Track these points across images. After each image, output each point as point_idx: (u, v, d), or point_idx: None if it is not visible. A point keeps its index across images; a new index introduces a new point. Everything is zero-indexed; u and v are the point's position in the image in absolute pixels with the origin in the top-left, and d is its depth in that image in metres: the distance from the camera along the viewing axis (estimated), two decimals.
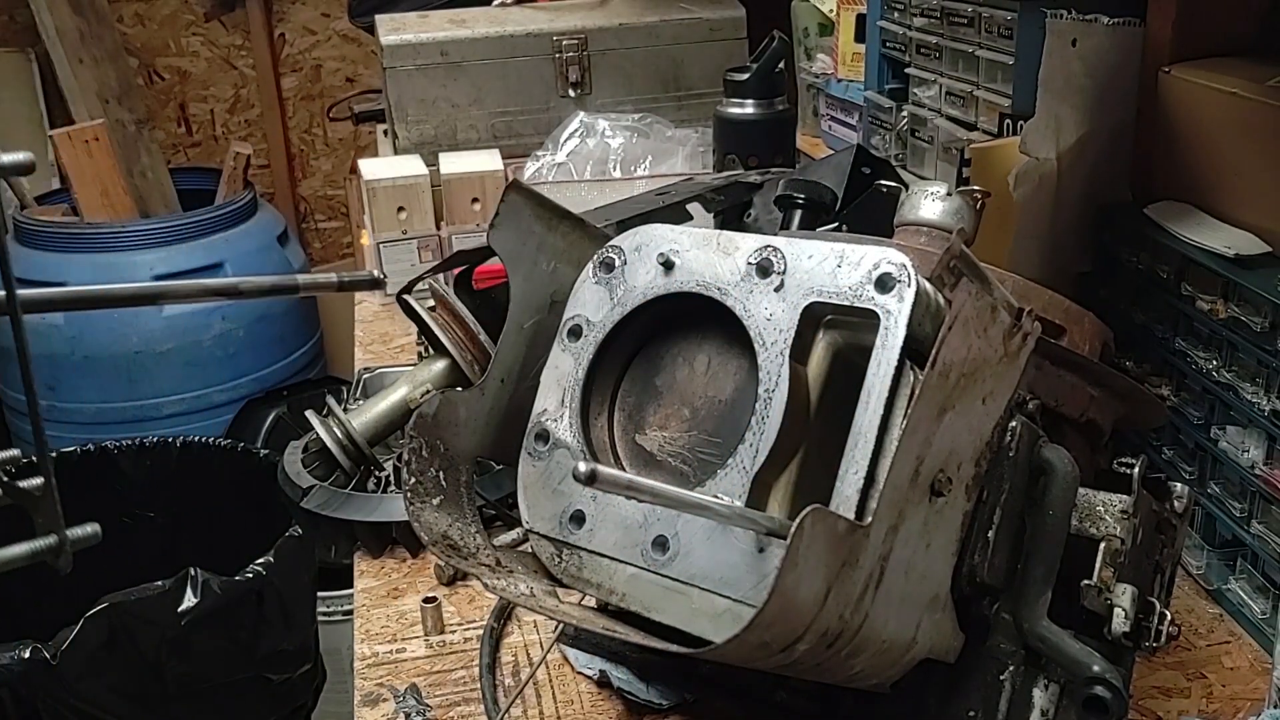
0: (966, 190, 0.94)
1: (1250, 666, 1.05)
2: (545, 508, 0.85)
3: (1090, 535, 0.83)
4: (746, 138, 1.75)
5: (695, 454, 0.82)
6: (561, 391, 0.86)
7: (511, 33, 2.05)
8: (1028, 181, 1.24)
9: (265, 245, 2.85)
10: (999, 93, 1.46)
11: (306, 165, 3.75)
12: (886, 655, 0.76)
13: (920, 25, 1.63)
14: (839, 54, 2.03)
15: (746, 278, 0.79)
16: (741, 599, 0.74)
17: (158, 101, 3.57)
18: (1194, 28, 1.23)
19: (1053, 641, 0.80)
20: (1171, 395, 1.18)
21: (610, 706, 1.01)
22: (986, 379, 0.76)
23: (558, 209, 0.94)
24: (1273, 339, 1.03)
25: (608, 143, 1.90)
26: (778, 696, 0.92)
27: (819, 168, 1.51)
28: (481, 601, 1.15)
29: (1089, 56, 1.25)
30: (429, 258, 1.83)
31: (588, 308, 0.87)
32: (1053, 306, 0.93)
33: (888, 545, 0.71)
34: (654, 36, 2.10)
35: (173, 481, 2.18)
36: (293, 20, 3.60)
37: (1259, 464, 1.07)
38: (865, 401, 0.72)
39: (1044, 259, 1.28)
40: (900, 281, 0.73)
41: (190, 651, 1.65)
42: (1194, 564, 1.15)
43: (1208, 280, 1.11)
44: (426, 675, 1.06)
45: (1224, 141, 1.18)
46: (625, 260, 0.86)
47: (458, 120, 2.04)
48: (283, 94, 3.65)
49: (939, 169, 1.60)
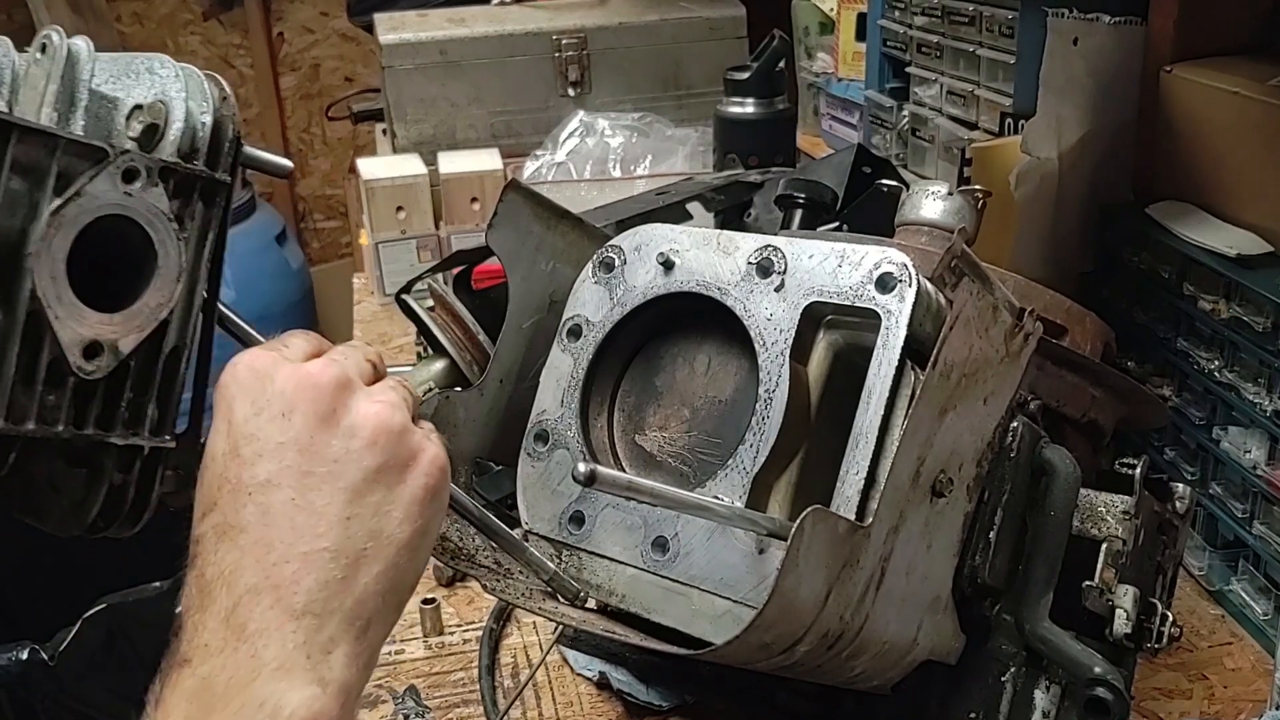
0: (968, 190, 0.93)
1: (1252, 668, 1.04)
2: (545, 508, 0.85)
3: (1092, 536, 0.83)
4: (747, 137, 1.74)
5: (695, 454, 0.81)
6: (561, 392, 0.86)
7: (511, 31, 2.05)
8: (1029, 181, 1.24)
9: (264, 245, 2.85)
10: (1000, 92, 1.45)
11: (305, 165, 3.75)
12: (887, 656, 0.76)
13: (921, 24, 1.63)
14: (839, 53, 2.02)
15: (747, 277, 0.79)
16: (742, 600, 0.74)
17: None
18: (1196, 27, 1.23)
19: (1054, 643, 0.80)
20: (1173, 396, 1.17)
21: (610, 708, 1.01)
22: (988, 379, 0.76)
23: (557, 208, 0.93)
24: (1274, 339, 1.03)
25: (607, 142, 1.90)
26: (778, 698, 0.92)
27: (819, 167, 1.50)
28: (480, 603, 1.14)
29: (1090, 56, 1.24)
30: (428, 257, 1.82)
31: (587, 308, 0.87)
32: (1054, 306, 0.92)
33: (889, 546, 0.71)
34: (654, 35, 2.09)
35: None
36: (291, 19, 3.59)
37: (1261, 465, 1.06)
38: (866, 402, 0.72)
39: (1045, 259, 1.28)
40: (901, 281, 0.73)
41: None
42: (1196, 565, 1.15)
43: (1209, 280, 1.11)
44: (426, 677, 1.06)
45: (1226, 141, 1.17)
46: (625, 260, 0.86)
47: (457, 119, 2.04)
48: (281, 93, 3.64)
49: (940, 168, 1.59)
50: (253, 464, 0.59)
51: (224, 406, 0.61)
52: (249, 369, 0.62)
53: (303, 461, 0.60)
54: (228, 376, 0.62)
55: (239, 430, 0.60)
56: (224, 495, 0.59)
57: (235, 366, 0.63)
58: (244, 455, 0.60)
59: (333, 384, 0.62)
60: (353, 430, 0.61)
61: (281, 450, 0.60)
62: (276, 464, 0.59)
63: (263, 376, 0.61)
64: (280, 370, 0.62)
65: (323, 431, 0.61)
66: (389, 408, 0.63)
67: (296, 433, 0.60)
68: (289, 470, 0.59)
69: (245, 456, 0.60)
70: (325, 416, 0.61)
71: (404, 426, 0.63)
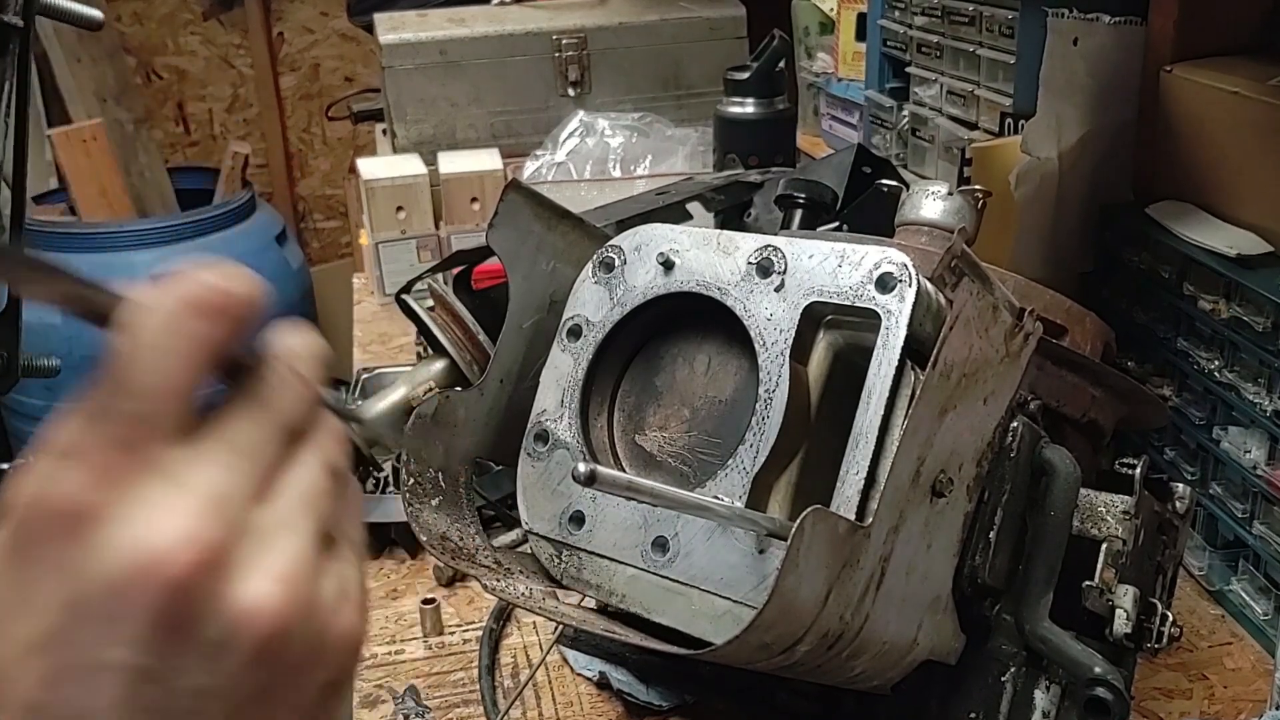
0: (968, 190, 0.93)
1: (1252, 668, 1.04)
2: (545, 508, 0.85)
3: (1092, 536, 0.83)
4: (747, 137, 1.74)
5: (695, 454, 0.81)
6: (561, 392, 0.86)
7: (511, 31, 2.05)
8: (1029, 181, 1.24)
9: (263, 245, 2.84)
10: (1000, 92, 1.45)
11: (305, 165, 3.75)
12: (887, 656, 0.76)
13: (921, 24, 1.63)
14: (840, 53, 2.02)
15: (747, 277, 0.79)
16: (742, 600, 0.74)
17: (155, 101, 3.57)
18: (1196, 27, 1.23)
19: (1054, 643, 0.80)
20: (1173, 396, 1.17)
21: (610, 708, 1.01)
22: (988, 379, 0.76)
23: (557, 208, 0.93)
24: (1275, 339, 1.03)
25: (607, 142, 1.90)
26: (778, 698, 0.92)
27: (819, 167, 1.50)
28: (480, 603, 1.14)
29: (1090, 55, 1.24)
30: (428, 257, 1.82)
31: (587, 308, 0.87)
32: (1054, 306, 0.92)
33: (889, 546, 0.71)
34: (654, 35, 2.09)
35: None
36: (291, 19, 3.59)
37: (1261, 465, 1.06)
38: (866, 402, 0.72)
39: (1045, 259, 1.28)
40: (901, 281, 0.73)
41: None
42: (1196, 565, 1.15)
43: (1210, 280, 1.11)
44: (425, 677, 1.06)
45: (1226, 141, 1.17)
46: (625, 260, 0.86)
47: (457, 119, 2.04)
48: (281, 93, 3.64)
49: (940, 168, 1.59)
50: (62, 685, 0.35)
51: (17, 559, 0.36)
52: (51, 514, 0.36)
53: (144, 695, 0.36)
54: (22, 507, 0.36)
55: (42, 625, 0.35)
56: (12, 710, 0.35)
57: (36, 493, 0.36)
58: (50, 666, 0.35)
59: (187, 570, 0.35)
60: (219, 647, 0.36)
61: (109, 676, 0.35)
62: (103, 696, 0.35)
63: (81, 536, 0.35)
64: (114, 525, 0.35)
65: (172, 651, 0.36)
66: (276, 585, 0.37)
67: (131, 653, 0.35)
68: (123, 707, 0.35)
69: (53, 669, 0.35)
70: (173, 628, 0.36)
71: (311, 600, 0.39)
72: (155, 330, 0.37)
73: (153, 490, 0.36)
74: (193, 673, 0.36)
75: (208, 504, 0.37)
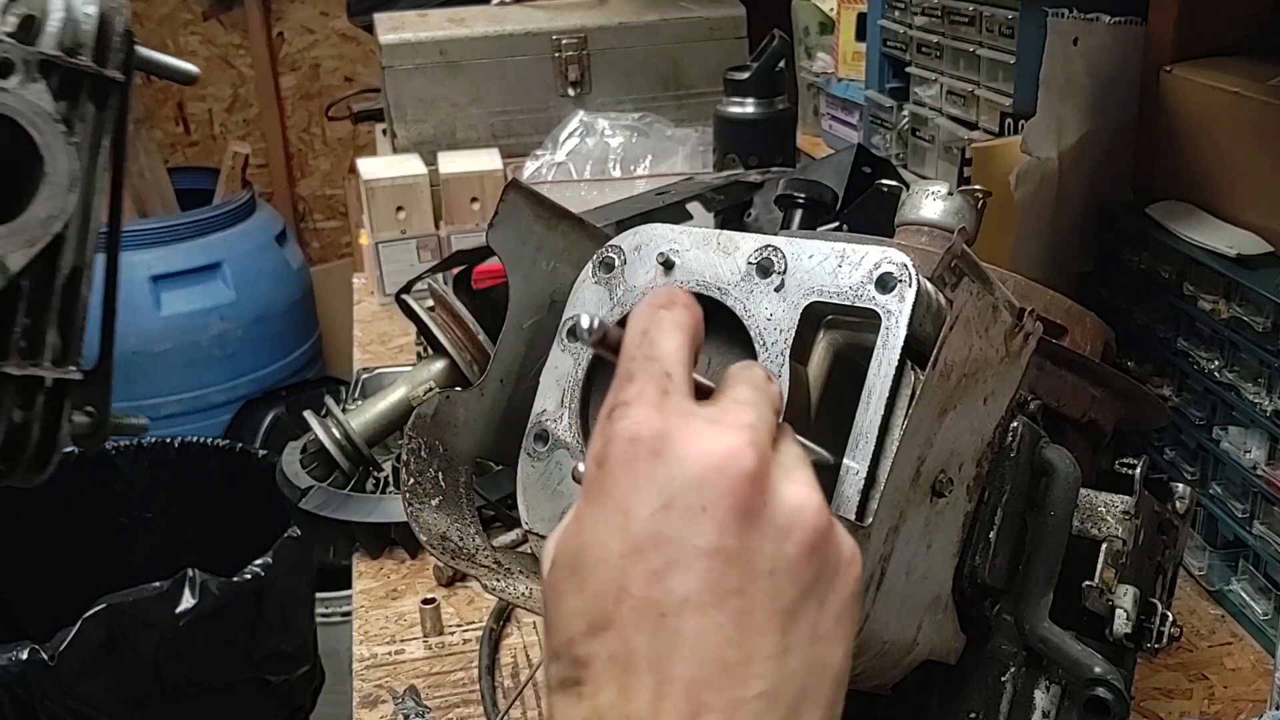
0: (968, 190, 0.93)
1: (1252, 668, 1.04)
2: (545, 508, 0.85)
3: (1092, 536, 0.83)
4: (747, 137, 1.74)
5: None
6: (561, 392, 0.86)
7: (511, 31, 2.05)
8: (1029, 181, 1.24)
9: (263, 245, 2.84)
10: (1000, 92, 1.45)
11: (305, 165, 3.75)
12: (887, 656, 0.76)
13: (921, 24, 1.63)
14: (839, 53, 2.02)
15: (747, 277, 0.79)
16: None
17: (155, 100, 3.57)
18: (1196, 27, 1.23)
19: (1054, 643, 0.80)
20: (1173, 395, 1.17)
21: None
22: (988, 379, 0.76)
23: (557, 208, 0.93)
24: (1275, 339, 1.03)
25: (607, 142, 1.90)
26: None
27: (819, 167, 1.50)
28: (480, 603, 1.14)
29: (1090, 55, 1.24)
30: (428, 257, 1.82)
31: (587, 307, 0.87)
32: (1054, 306, 0.92)
33: (889, 546, 0.71)
34: (654, 35, 2.09)
35: (171, 482, 2.18)
36: (291, 19, 3.59)
37: (1261, 464, 1.06)
38: (866, 402, 0.72)
39: (1045, 259, 1.28)
40: (901, 281, 0.73)
41: (188, 653, 1.65)
42: (1196, 565, 1.15)
43: (1210, 280, 1.11)
44: (425, 677, 1.06)
45: (1226, 141, 1.17)
46: (625, 260, 0.86)
47: (457, 119, 2.04)
48: (281, 93, 3.64)
49: (940, 168, 1.60)
50: (665, 576, 0.45)
51: (608, 485, 0.47)
52: (634, 439, 0.47)
53: (730, 576, 0.45)
54: (602, 445, 0.48)
55: (642, 528, 0.46)
56: (624, 612, 0.45)
57: (613, 430, 0.48)
58: (651, 562, 0.45)
59: (755, 465, 0.46)
60: (784, 531, 0.47)
61: (702, 560, 0.45)
62: (697, 579, 0.45)
63: (661, 452, 0.47)
64: (683, 442, 0.47)
65: (749, 534, 0.46)
66: (814, 492, 0.48)
67: (719, 536, 0.45)
68: (714, 588, 0.45)
69: (654, 565, 0.45)
70: (749, 512, 0.46)
71: (831, 521, 0.49)
72: (665, 320, 0.52)
73: (700, 423, 0.48)
74: (765, 555, 0.46)
75: (747, 430, 0.48)
